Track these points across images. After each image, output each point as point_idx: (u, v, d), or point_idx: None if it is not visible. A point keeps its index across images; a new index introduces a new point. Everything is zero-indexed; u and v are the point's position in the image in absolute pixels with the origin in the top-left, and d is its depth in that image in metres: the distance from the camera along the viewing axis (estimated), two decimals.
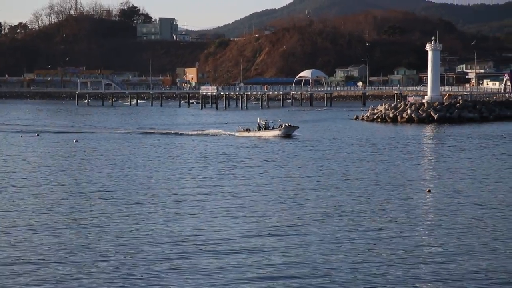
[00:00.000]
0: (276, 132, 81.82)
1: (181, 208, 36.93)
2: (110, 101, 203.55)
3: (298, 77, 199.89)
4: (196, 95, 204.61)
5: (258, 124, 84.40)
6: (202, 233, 31.09)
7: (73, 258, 27.13)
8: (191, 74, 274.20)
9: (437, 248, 28.57)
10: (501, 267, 25.56)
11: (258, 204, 37.99)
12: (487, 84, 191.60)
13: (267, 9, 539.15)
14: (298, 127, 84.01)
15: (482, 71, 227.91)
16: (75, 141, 77.87)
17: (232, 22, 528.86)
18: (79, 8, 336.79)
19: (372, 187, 43.79)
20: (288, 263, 26.19)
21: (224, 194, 41.18)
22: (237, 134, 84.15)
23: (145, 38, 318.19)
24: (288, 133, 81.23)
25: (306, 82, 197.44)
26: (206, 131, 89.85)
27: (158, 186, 44.37)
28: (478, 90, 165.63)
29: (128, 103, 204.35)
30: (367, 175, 49.26)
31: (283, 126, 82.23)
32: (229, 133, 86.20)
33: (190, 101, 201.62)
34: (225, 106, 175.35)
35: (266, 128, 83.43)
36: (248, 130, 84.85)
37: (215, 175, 49.40)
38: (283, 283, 23.90)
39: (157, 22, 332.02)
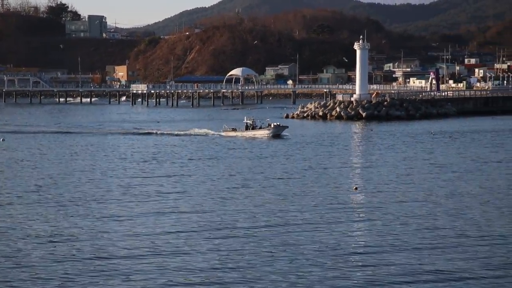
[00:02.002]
0: (265, 132, 79.43)
1: (107, 209, 37.14)
2: (39, 99, 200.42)
3: (228, 75, 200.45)
4: (127, 93, 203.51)
5: (246, 123, 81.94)
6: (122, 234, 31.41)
7: None
8: (121, 72, 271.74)
9: (363, 244, 29.38)
10: (428, 265, 26.18)
11: (184, 203, 38.48)
12: (414, 82, 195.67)
13: (197, 7, 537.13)
14: (287, 127, 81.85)
15: (409, 69, 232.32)
16: (2, 140, 76.88)
17: (162, 20, 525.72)
18: (6, 4, 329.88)
19: (298, 185, 44.54)
20: (218, 264, 26.56)
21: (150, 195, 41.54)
22: (224, 134, 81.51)
23: (74, 35, 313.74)
24: (277, 133, 78.69)
25: (237, 80, 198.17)
26: (191, 131, 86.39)
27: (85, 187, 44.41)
28: (405, 88, 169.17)
29: (57, 100, 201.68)
30: (295, 173, 50.10)
31: (272, 126, 79.95)
32: (215, 132, 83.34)
33: (121, 99, 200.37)
34: (156, 104, 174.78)
35: (253, 127, 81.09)
36: (234, 129, 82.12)
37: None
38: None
39: (86, 20, 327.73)
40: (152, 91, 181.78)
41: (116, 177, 47.99)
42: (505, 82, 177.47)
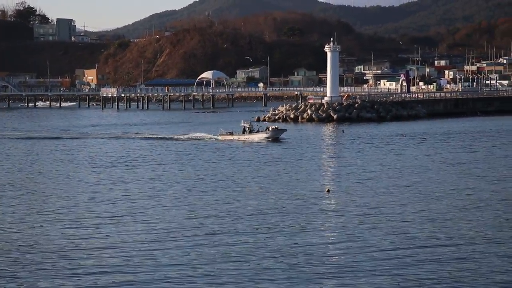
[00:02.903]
0: (263, 135, 78.50)
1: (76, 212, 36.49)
2: (7, 103, 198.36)
3: (199, 79, 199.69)
4: (96, 96, 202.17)
5: (243, 127, 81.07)
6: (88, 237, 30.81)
7: None
8: (90, 75, 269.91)
9: (334, 247, 29.11)
10: (396, 269, 26.00)
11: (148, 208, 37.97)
12: (384, 84, 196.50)
13: (167, 10, 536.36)
14: (286, 130, 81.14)
15: (379, 71, 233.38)
16: None
17: (132, 23, 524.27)
18: None
19: (271, 187, 44.23)
20: (191, 271, 26.14)
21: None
22: (220, 138, 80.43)
23: (42, 39, 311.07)
24: (276, 136, 77.82)
25: (208, 83, 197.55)
26: (189, 135, 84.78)
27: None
28: (376, 90, 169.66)
29: (26, 105, 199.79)
30: (266, 176, 49.74)
31: (270, 129, 79.08)
32: (211, 136, 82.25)
33: (90, 103, 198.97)
34: (126, 107, 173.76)
35: (251, 131, 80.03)
36: (231, 133, 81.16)
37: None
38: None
39: (55, 23, 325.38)
40: (122, 95, 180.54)
41: (83, 182, 47.34)
42: (474, 83, 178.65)
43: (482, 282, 24.10)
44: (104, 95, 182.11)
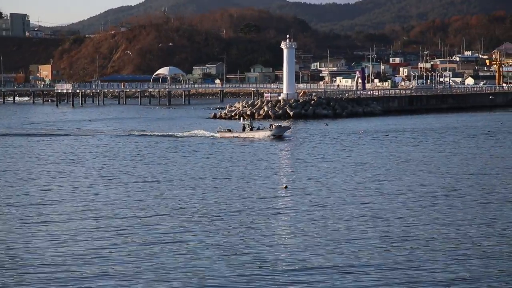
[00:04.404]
0: (266, 133, 77.03)
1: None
2: None
3: (155, 75, 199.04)
4: (51, 92, 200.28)
5: (243, 124, 79.58)
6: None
7: None
8: (45, 71, 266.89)
9: (287, 242, 29.34)
10: (347, 266, 26.17)
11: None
12: (340, 81, 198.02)
13: (122, 6, 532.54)
14: (290, 127, 79.99)
15: (335, 69, 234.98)
16: None
17: (87, 19, 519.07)
18: None
19: (228, 184, 44.37)
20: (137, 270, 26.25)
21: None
22: (218, 135, 78.80)
23: None
24: (279, 134, 76.48)
25: (164, 79, 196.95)
26: (189, 132, 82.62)
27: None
28: (332, 87, 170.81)
29: None
30: (224, 172, 49.88)
31: (274, 127, 77.56)
32: (209, 133, 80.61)
33: (45, 98, 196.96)
34: (81, 103, 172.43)
35: (252, 128, 78.48)
36: (230, 130, 79.75)
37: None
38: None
39: (8, 18, 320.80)
40: (78, 91, 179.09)
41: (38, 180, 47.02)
42: (428, 81, 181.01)
43: (427, 279, 24.49)
44: (59, 91, 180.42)
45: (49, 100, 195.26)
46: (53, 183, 45.62)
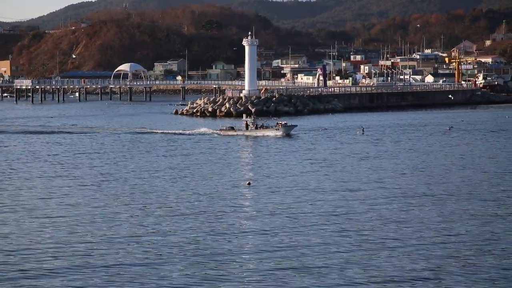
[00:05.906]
0: (276, 132, 75.64)
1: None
2: None
3: (116, 71, 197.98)
4: (10, 88, 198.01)
5: (246, 121, 78.86)
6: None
7: None
8: (4, 67, 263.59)
9: (248, 240, 29.50)
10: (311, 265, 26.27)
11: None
12: (302, 78, 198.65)
13: (83, 2, 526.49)
14: (296, 125, 78.96)
15: (297, 66, 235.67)
16: None
17: (47, 14, 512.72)
18: None
19: (192, 181, 44.43)
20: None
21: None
22: (222, 133, 77.64)
23: None
24: (287, 132, 75.65)
25: (125, 76, 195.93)
26: (192, 131, 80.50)
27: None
28: (293, 84, 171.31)
29: None
30: (186, 168, 49.92)
31: (280, 125, 76.36)
32: (213, 131, 79.47)
33: (4, 94, 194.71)
34: (41, 99, 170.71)
35: (256, 126, 77.39)
36: (232, 128, 78.90)
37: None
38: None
39: None
40: (37, 87, 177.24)
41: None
42: (389, 78, 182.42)
43: (395, 273, 24.83)
44: (18, 87, 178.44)
45: (8, 96, 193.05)
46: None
